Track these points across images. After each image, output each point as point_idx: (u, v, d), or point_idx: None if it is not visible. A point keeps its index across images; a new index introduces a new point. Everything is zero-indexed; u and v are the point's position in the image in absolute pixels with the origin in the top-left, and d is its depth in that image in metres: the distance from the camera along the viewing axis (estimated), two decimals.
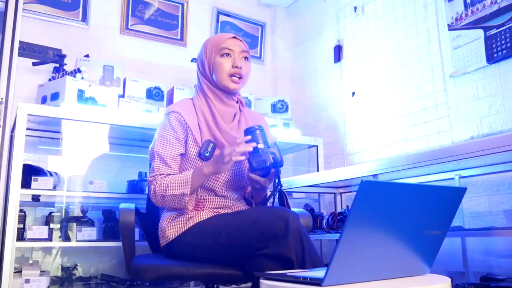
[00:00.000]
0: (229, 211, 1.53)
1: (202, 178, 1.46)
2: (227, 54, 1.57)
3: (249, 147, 1.39)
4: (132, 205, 1.58)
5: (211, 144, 1.53)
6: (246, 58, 1.61)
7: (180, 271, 1.35)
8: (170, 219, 1.52)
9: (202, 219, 1.46)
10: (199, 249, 1.41)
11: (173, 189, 1.45)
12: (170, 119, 1.55)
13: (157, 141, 1.54)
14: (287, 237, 1.22)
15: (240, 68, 1.57)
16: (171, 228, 1.49)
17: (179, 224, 1.48)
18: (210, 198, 1.53)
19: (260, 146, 1.43)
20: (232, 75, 1.56)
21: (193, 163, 1.54)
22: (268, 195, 1.59)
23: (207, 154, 1.50)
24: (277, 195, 1.50)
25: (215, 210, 1.52)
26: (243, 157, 1.39)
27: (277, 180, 1.48)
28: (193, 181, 1.44)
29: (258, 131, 1.45)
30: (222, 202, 1.54)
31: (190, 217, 1.48)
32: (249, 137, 1.42)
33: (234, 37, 1.61)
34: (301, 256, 1.23)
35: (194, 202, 1.51)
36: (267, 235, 1.24)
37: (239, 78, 1.58)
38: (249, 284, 1.34)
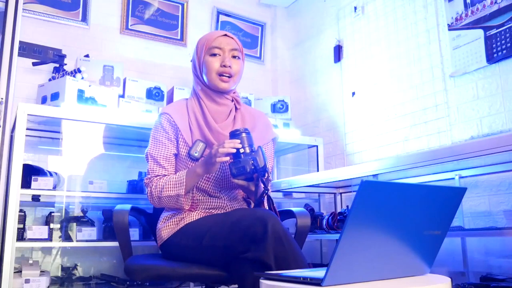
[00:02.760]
0: (222, 211, 1.52)
1: (196, 178, 1.46)
2: (216, 53, 1.55)
3: (232, 149, 1.37)
4: (127, 206, 1.58)
5: (201, 144, 1.52)
6: (237, 56, 1.57)
7: (167, 271, 1.36)
8: (165, 219, 1.54)
9: (192, 220, 1.47)
10: (186, 250, 1.42)
11: (168, 191, 1.46)
12: (161, 121, 1.57)
13: (150, 143, 1.57)
14: (265, 241, 1.18)
15: (229, 66, 1.54)
16: (165, 228, 1.50)
17: (172, 224, 1.49)
18: (204, 199, 1.53)
19: (244, 150, 1.39)
20: (221, 74, 1.54)
21: (185, 164, 1.54)
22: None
23: (196, 154, 1.50)
24: (265, 199, 1.48)
25: (208, 210, 1.52)
26: (227, 158, 1.38)
27: (263, 186, 1.44)
28: (187, 182, 1.45)
29: (243, 135, 1.42)
30: (216, 202, 1.53)
31: (182, 218, 1.49)
32: (238, 140, 1.39)
33: (225, 35, 1.58)
34: (282, 261, 1.18)
35: (190, 202, 1.51)
36: (249, 238, 1.22)
37: (229, 77, 1.55)
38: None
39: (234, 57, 1.57)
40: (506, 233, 1.89)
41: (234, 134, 1.43)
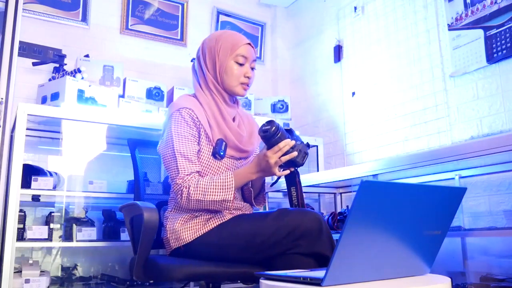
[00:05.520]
0: (240, 212, 1.53)
1: (245, 182, 1.49)
2: (242, 63, 1.60)
3: (292, 154, 1.43)
4: (151, 204, 1.53)
5: (224, 143, 1.53)
6: (254, 68, 1.66)
7: (214, 270, 1.35)
8: (183, 221, 1.48)
9: (223, 220, 1.45)
10: (225, 249, 1.40)
11: (212, 195, 1.42)
12: (184, 115, 1.51)
13: (175, 139, 1.49)
14: (321, 235, 1.28)
15: (250, 78, 1.62)
16: (187, 230, 1.46)
17: (197, 225, 1.46)
18: None
19: (292, 142, 1.43)
20: (241, 83, 1.60)
21: (206, 162, 1.52)
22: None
23: (222, 153, 1.51)
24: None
25: (229, 211, 1.50)
26: (287, 172, 1.48)
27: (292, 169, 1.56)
28: (236, 185, 1.45)
29: (279, 132, 1.41)
30: (234, 203, 1.51)
31: (209, 218, 1.46)
32: (292, 142, 1.42)
33: (249, 44, 1.63)
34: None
35: (235, 202, 1.52)
36: (299, 234, 1.28)
37: (247, 85, 1.63)
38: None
39: (251, 68, 1.64)
40: (506, 233, 1.89)
41: (272, 134, 1.40)
